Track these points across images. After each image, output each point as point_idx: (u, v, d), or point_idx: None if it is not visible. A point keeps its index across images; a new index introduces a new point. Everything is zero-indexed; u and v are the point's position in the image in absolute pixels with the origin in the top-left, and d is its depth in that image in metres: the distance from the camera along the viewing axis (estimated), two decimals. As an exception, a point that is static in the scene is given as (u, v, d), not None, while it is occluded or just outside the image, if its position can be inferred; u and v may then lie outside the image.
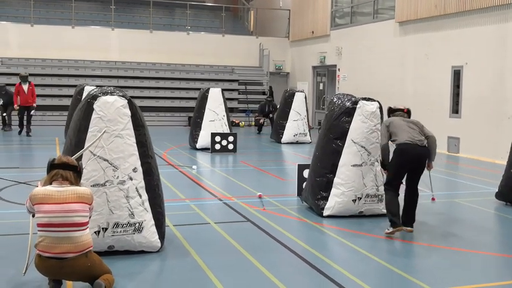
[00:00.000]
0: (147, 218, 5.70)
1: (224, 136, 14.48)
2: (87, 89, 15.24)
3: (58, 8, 25.07)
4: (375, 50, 19.00)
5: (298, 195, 8.54)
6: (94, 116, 5.44)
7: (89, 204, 4.64)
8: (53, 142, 15.73)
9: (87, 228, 4.63)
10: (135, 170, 5.60)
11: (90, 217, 4.77)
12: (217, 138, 14.37)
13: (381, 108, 7.53)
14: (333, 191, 7.42)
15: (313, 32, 23.36)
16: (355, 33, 20.43)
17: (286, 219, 7.56)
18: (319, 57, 22.84)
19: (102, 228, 5.47)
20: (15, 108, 17.16)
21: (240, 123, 22.88)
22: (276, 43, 25.81)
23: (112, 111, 5.47)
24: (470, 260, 6.14)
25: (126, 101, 5.58)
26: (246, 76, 25.13)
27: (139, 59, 23.93)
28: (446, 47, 15.51)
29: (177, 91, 23.66)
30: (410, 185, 6.85)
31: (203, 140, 14.76)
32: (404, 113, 6.99)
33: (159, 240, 5.82)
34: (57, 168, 4.65)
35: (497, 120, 13.80)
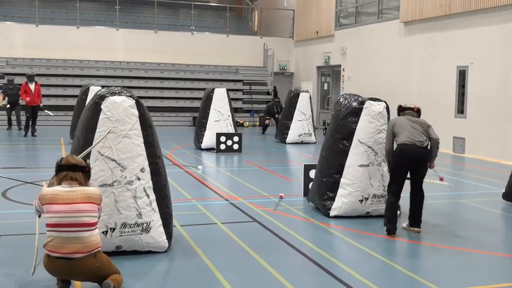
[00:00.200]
0: (155, 218, 5.70)
1: (229, 136, 14.48)
2: (93, 89, 15.29)
3: (63, 8, 25.12)
4: (379, 50, 18.97)
5: (305, 196, 8.52)
6: (102, 116, 5.45)
7: (98, 205, 4.65)
8: (59, 142, 15.76)
9: (96, 229, 4.64)
10: (142, 170, 5.60)
11: (99, 217, 4.78)
12: (223, 138, 14.38)
13: (387, 108, 7.53)
14: (340, 191, 7.41)
15: (317, 32, 23.34)
16: (359, 33, 20.41)
17: (292, 219, 7.56)
18: (324, 57, 22.82)
19: (110, 229, 5.48)
20: (19, 102, 17.14)
21: (244, 124, 22.89)
22: (280, 43, 25.81)
23: (120, 112, 5.48)
24: (477, 260, 6.13)
25: (133, 101, 5.58)
26: (251, 76, 25.14)
27: (143, 59, 23.96)
28: (452, 47, 15.49)
29: (182, 91, 23.68)
30: (414, 186, 6.85)
31: (208, 140, 14.77)
32: (414, 112, 6.96)
33: (166, 241, 5.82)
34: (66, 170, 4.65)
35: (503, 121, 13.77)
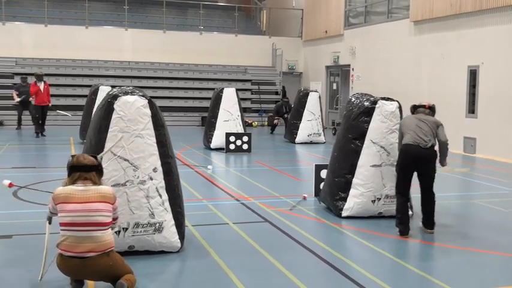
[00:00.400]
0: (167, 218, 5.69)
1: (239, 136, 14.46)
2: (102, 89, 15.32)
3: (72, 8, 25.18)
4: (389, 49, 18.89)
5: (316, 196, 8.48)
6: (114, 115, 5.43)
7: (112, 204, 4.63)
8: (68, 142, 15.80)
9: (110, 229, 4.62)
10: (155, 170, 5.59)
11: (115, 218, 4.76)
12: (232, 138, 14.36)
13: (400, 108, 7.47)
14: (352, 191, 7.37)
15: (326, 31, 23.28)
16: (369, 33, 20.34)
17: (304, 219, 7.53)
18: (333, 56, 22.75)
19: (123, 228, 5.46)
20: (30, 100, 17.14)
21: (253, 123, 22.86)
22: (288, 43, 25.76)
23: (132, 111, 5.46)
24: (490, 261, 6.06)
25: (146, 101, 5.57)
26: (259, 76, 25.11)
27: (152, 59, 23.98)
28: (462, 47, 15.39)
29: (190, 91, 23.69)
30: (423, 188, 6.79)
31: (217, 139, 14.76)
32: (426, 109, 6.89)
33: (179, 241, 5.80)
34: (79, 171, 4.62)
35: (514, 120, 13.67)
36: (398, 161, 6.77)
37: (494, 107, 14.28)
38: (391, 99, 7.48)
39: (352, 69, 21.41)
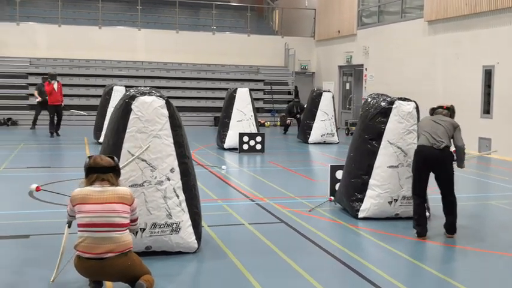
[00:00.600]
0: (185, 218, 5.68)
1: (252, 136, 14.45)
2: (116, 89, 15.38)
3: (85, 8, 25.29)
4: (403, 49, 18.79)
5: (331, 197, 8.43)
6: (132, 116, 5.43)
7: (129, 205, 4.61)
8: (82, 142, 15.86)
9: (127, 230, 4.60)
10: (172, 170, 5.58)
11: (135, 220, 4.74)
12: (245, 139, 14.35)
13: (417, 108, 7.42)
14: (369, 192, 7.32)
15: (339, 31, 23.21)
16: (382, 33, 20.24)
17: (320, 220, 7.49)
18: (346, 56, 22.68)
19: (140, 229, 5.45)
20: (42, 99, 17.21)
21: (265, 123, 22.84)
22: (301, 43, 25.71)
23: (150, 112, 5.46)
24: (508, 263, 5.99)
25: (164, 102, 5.57)
26: (272, 76, 25.08)
27: (165, 59, 24.03)
28: (477, 46, 15.27)
29: (203, 91, 23.71)
30: (442, 191, 6.70)
31: (231, 140, 14.75)
32: (444, 110, 6.83)
33: (196, 241, 5.79)
34: (96, 172, 4.61)
35: (530, 121, 13.55)
36: (413, 162, 6.73)
37: (509, 107, 14.15)
38: (408, 100, 7.43)
39: (366, 69, 21.33)
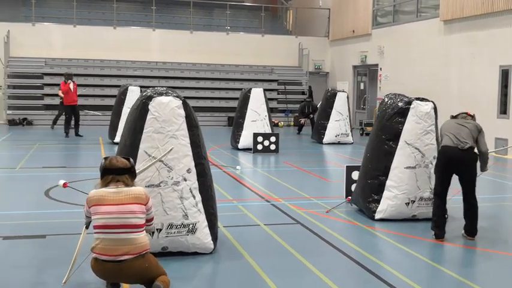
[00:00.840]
0: (201, 219, 5.65)
1: (266, 136, 14.41)
2: (131, 89, 15.42)
3: (100, 9, 25.42)
4: (418, 49, 18.66)
5: (347, 197, 8.37)
6: (149, 116, 5.42)
7: (145, 205, 4.58)
8: (97, 142, 15.91)
9: (144, 231, 4.58)
10: (189, 170, 5.56)
11: (150, 219, 4.71)
12: (260, 139, 14.31)
13: (435, 108, 7.34)
14: (386, 193, 7.25)
15: (353, 31, 23.10)
16: (397, 32, 20.12)
17: (336, 221, 7.44)
18: (360, 56, 22.57)
19: (157, 229, 5.44)
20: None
21: (279, 124, 22.79)
22: (315, 42, 25.63)
23: (167, 112, 5.44)
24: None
25: (180, 102, 5.55)
26: (285, 76, 25.03)
27: (179, 60, 24.06)
28: (494, 46, 15.12)
29: (217, 91, 23.72)
30: (464, 192, 6.60)
31: (245, 140, 14.72)
32: (468, 116, 6.74)
33: (212, 242, 5.76)
34: (112, 174, 4.57)
35: (548, 121, 13.37)
36: (436, 163, 6.65)
37: (527, 107, 14.00)
38: (426, 100, 7.35)
39: (380, 69, 21.21)
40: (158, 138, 5.42)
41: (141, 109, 5.46)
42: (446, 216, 6.99)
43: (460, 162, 6.44)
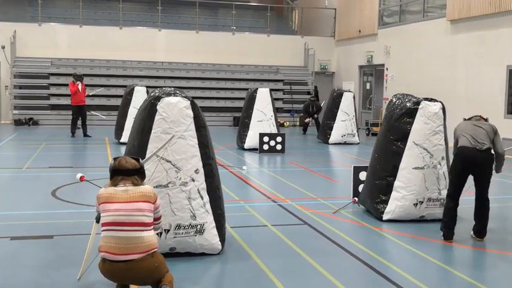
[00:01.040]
0: (209, 220, 5.64)
1: (272, 136, 14.39)
2: (138, 89, 15.42)
3: (106, 9, 25.44)
4: (424, 49, 18.60)
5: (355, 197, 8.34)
6: (157, 117, 5.41)
7: (153, 203, 4.55)
8: (103, 142, 15.92)
9: (152, 229, 4.53)
10: (197, 171, 5.55)
11: (158, 218, 4.67)
12: (266, 139, 14.30)
13: (443, 109, 7.30)
14: (394, 194, 7.22)
15: (360, 31, 23.06)
16: (404, 32, 20.06)
17: (344, 222, 7.41)
18: (366, 56, 22.52)
19: (165, 230, 5.43)
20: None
21: (284, 124, 22.76)
22: (321, 42, 25.60)
23: (175, 112, 5.43)
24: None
25: (189, 102, 5.54)
26: (291, 76, 25.01)
27: (185, 60, 24.07)
28: (501, 46, 15.05)
29: (223, 91, 23.72)
30: (477, 192, 6.56)
31: (251, 140, 14.71)
32: (481, 118, 6.71)
33: (219, 243, 5.74)
34: (122, 175, 4.52)
35: (556, 122, 13.30)
36: (452, 164, 6.57)
37: (535, 107, 13.94)
38: (435, 100, 7.31)
39: (387, 69, 21.16)
40: (166, 139, 5.40)
41: (150, 110, 5.44)
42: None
43: (477, 163, 6.39)
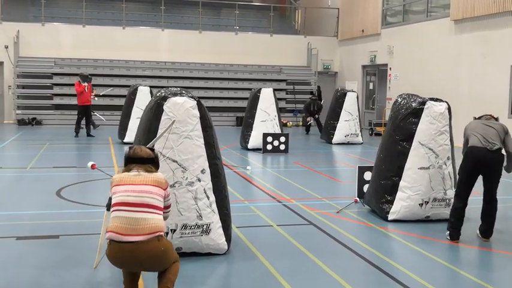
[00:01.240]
0: (215, 219, 5.64)
1: (276, 136, 14.38)
2: (141, 89, 15.43)
3: (109, 9, 25.45)
4: (428, 48, 18.57)
5: (359, 198, 8.33)
6: (164, 117, 5.41)
7: (164, 189, 4.49)
8: (107, 142, 15.93)
9: (161, 214, 4.39)
10: (203, 171, 5.55)
11: (168, 206, 4.61)
12: (269, 139, 14.29)
13: (449, 109, 7.29)
14: (399, 194, 7.21)
15: (363, 30, 23.03)
16: (407, 32, 20.04)
17: (349, 222, 7.40)
18: (370, 56, 22.51)
19: (171, 230, 5.43)
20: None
21: (287, 123, 22.75)
22: (324, 42, 25.58)
23: (182, 112, 5.43)
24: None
25: (195, 102, 5.54)
26: (294, 76, 24.99)
27: (188, 59, 24.07)
28: (505, 46, 15.02)
29: (226, 91, 23.71)
30: (485, 192, 6.53)
31: (255, 140, 14.70)
32: (491, 117, 6.68)
33: (226, 243, 5.75)
34: (135, 162, 4.51)
35: (561, 122, 13.28)
36: (462, 164, 6.51)
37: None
38: (440, 100, 7.30)
39: (390, 69, 21.14)
40: (173, 139, 5.40)
41: (156, 109, 5.45)
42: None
43: (487, 163, 6.36)
